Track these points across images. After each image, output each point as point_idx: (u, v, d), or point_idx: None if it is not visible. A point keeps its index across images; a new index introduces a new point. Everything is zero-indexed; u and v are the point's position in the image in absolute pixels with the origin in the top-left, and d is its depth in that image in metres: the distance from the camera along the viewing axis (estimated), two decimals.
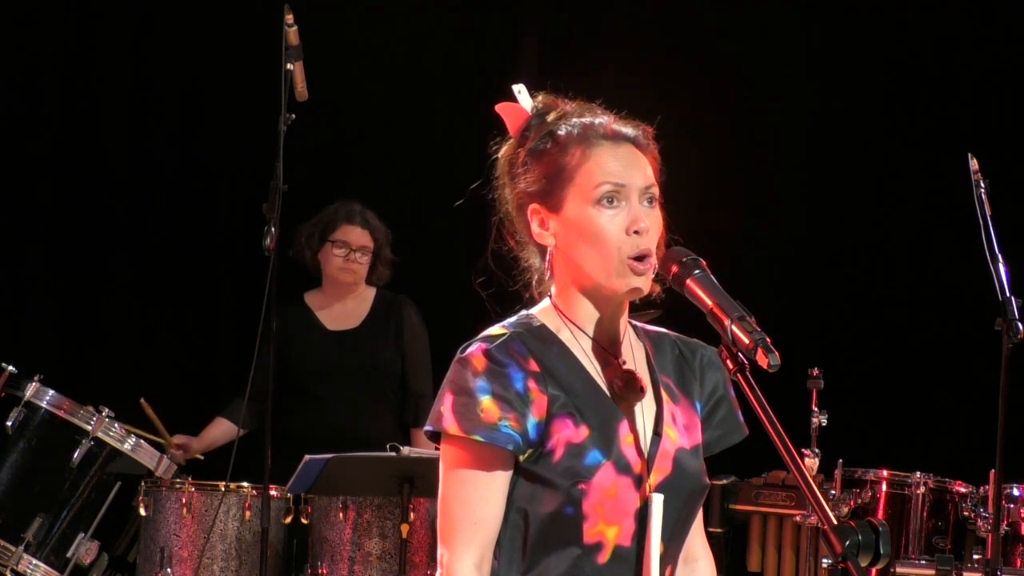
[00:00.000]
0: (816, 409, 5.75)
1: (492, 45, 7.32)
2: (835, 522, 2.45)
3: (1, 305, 7.10)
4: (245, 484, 5.77)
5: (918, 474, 5.96)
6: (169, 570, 5.73)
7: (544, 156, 2.75)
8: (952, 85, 7.17)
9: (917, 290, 7.19)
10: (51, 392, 5.84)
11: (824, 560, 5.69)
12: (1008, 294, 5.24)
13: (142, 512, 5.80)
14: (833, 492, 5.88)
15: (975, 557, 5.77)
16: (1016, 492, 5.79)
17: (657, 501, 2.68)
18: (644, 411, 2.75)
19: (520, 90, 2.83)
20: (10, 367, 5.87)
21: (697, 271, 2.68)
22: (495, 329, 2.74)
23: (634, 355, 2.79)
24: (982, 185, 5.36)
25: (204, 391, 7.05)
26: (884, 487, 5.96)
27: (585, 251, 2.71)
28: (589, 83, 2.95)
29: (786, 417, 2.58)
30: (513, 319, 2.77)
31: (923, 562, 5.66)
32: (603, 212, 2.70)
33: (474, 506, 2.67)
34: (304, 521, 5.75)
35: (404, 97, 7.35)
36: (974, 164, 5.38)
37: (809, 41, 7.30)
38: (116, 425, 5.86)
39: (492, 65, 6.95)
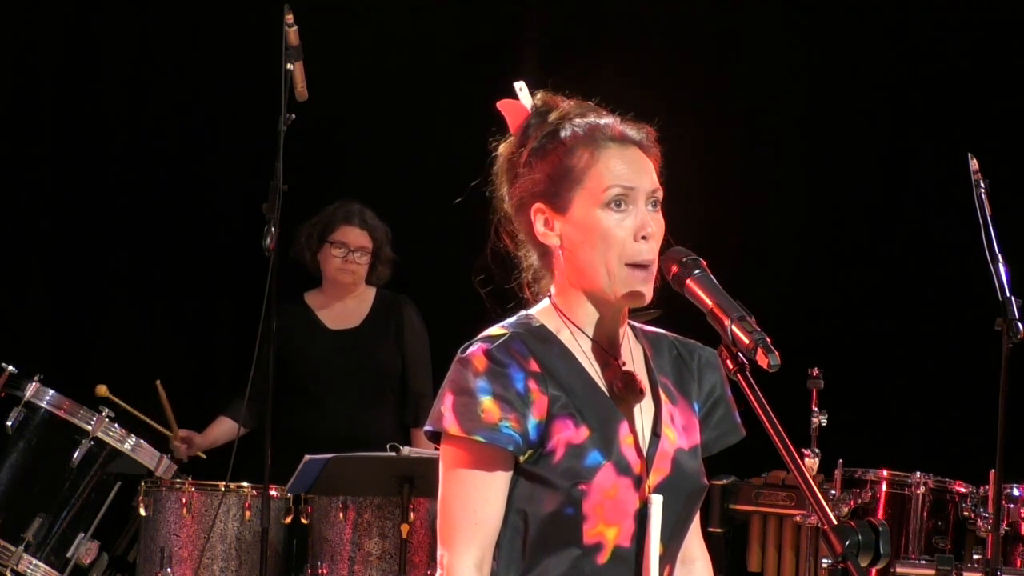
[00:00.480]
0: (816, 409, 5.75)
1: (492, 45, 7.32)
2: (835, 522, 2.45)
3: (1, 305, 7.10)
4: (245, 484, 5.77)
5: (918, 474, 5.96)
6: (169, 570, 5.73)
7: (549, 156, 2.74)
8: (952, 85, 7.16)
9: (917, 290, 7.18)
10: (51, 392, 5.84)
11: (824, 560, 5.68)
12: (1008, 294, 5.24)
13: (142, 512, 5.80)
14: (833, 492, 5.87)
15: (975, 557, 5.77)
16: (1016, 492, 5.78)
17: (656, 502, 2.68)
18: (643, 412, 2.75)
19: (521, 87, 2.82)
20: (10, 367, 5.87)
21: (697, 271, 2.68)
22: (495, 329, 2.73)
23: (633, 356, 2.78)
24: (982, 185, 5.35)
25: (204, 391, 7.04)
26: (884, 487, 5.96)
27: (590, 253, 2.70)
28: (589, 82, 2.95)
29: (786, 417, 2.58)
30: (513, 319, 2.77)
31: (923, 562, 5.66)
32: (611, 215, 2.69)
33: (474, 506, 2.66)
34: (304, 521, 5.75)
35: (404, 97, 7.34)
36: (974, 164, 5.37)
37: (810, 41, 7.30)
38: (116, 425, 5.86)
39: (492, 65, 6.94)
